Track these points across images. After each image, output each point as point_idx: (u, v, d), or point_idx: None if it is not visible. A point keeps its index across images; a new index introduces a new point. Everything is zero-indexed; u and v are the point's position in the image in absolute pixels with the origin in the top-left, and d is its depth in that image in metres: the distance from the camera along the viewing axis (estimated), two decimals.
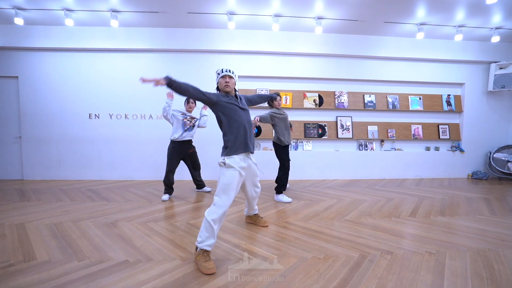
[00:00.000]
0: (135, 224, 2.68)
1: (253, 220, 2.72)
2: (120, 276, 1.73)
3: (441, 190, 4.41)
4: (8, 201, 3.49)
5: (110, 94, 4.90)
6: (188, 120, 3.70)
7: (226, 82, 2.12)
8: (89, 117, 4.90)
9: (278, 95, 3.44)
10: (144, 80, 1.81)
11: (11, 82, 4.83)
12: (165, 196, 3.64)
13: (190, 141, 3.82)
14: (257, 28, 4.81)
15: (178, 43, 4.80)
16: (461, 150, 5.50)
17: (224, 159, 2.05)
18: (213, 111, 2.15)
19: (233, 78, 2.16)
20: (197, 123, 3.82)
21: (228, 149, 2.07)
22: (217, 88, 2.21)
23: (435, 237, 2.45)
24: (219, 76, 2.15)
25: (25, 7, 3.98)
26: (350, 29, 4.81)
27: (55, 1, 3.84)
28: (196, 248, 1.93)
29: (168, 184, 3.70)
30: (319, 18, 4.40)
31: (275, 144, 3.67)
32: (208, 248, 1.86)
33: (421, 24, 4.56)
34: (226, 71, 2.13)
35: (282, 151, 3.63)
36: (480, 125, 5.53)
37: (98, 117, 4.91)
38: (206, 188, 4.12)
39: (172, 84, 1.87)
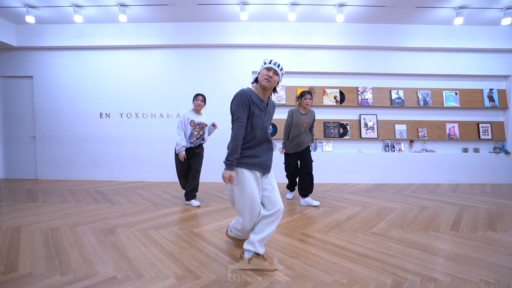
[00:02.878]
0: (133, 231, 2.43)
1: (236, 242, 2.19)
2: None
3: (484, 198, 3.81)
4: (15, 202, 3.41)
5: (120, 93, 4.77)
6: (196, 131, 3.23)
7: (268, 76, 1.73)
8: (100, 117, 4.80)
9: None
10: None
11: (26, 82, 4.85)
12: (195, 202, 3.29)
13: (199, 145, 3.35)
14: (272, 20, 4.46)
15: (189, 38, 4.57)
16: (507, 152, 4.80)
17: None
18: None
19: (278, 75, 1.77)
20: (205, 135, 3.36)
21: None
22: (256, 79, 1.84)
23: (489, 259, 1.97)
24: (263, 66, 1.77)
25: (36, 4, 3.93)
26: (376, 17, 4.33)
27: None
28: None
29: (185, 188, 3.35)
30: (341, 5, 3.98)
31: None
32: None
33: (460, 7, 3.98)
34: (274, 63, 1.75)
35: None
36: None
37: (109, 116, 4.79)
38: (194, 202, 3.33)
39: (231, 161, 1.70)
